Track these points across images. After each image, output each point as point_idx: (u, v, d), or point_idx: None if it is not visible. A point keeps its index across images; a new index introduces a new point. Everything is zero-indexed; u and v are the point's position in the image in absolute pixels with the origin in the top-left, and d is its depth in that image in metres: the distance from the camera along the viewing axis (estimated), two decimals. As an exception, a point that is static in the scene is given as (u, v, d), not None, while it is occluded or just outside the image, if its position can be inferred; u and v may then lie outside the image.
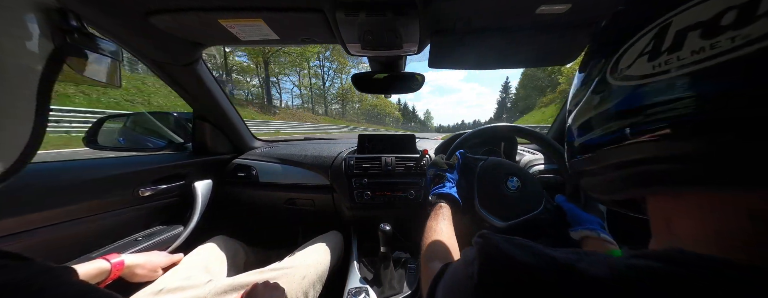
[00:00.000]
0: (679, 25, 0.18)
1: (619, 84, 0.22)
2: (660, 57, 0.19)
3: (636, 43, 0.21)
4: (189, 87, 0.95)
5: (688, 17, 0.18)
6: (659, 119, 0.19)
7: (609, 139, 0.24)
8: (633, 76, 0.21)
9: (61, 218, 0.67)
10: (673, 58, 0.18)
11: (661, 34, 0.19)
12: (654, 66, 0.19)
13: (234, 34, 0.69)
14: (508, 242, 0.23)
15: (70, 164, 0.74)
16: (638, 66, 0.21)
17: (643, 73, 0.20)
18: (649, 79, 0.20)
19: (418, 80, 0.96)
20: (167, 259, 0.75)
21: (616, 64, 0.23)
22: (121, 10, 0.59)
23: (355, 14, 0.56)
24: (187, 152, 1.14)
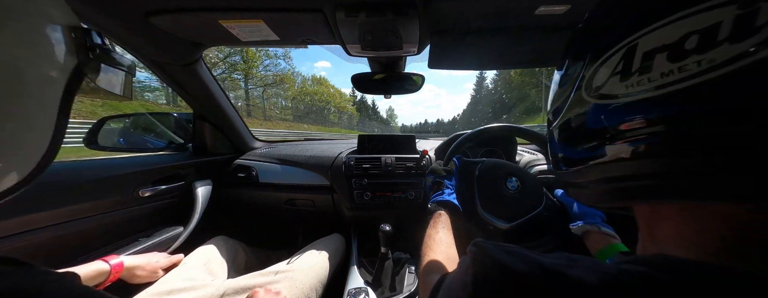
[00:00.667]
0: (646, 46, 0.19)
1: (595, 102, 0.23)
2: (631, 77, 0.19)
3: (607, 61, 0.22)
4: (189, 87, 0.95)
5: (653, 40, 0.18)
6: (635, 138, 0.20)
7: (589, 156, 0.24)
8: (607, 95, 0.21)
9: (61, 219, 0.67)
10: (644, 80, 0.19)
11: (629, 55, 0.20)
12: (627, 86, 0.20)
13: (234, 35, 0.69)
14: (500, 250, 0.23)
15: (71, 164, 0.74)
16: (612, 85, 0.21)
17: (616, 93, 0.21)
18: (623, 99, 0.20)
19: (418, 81, 0.96)
20: (167, 260, 0.75)
21: (590, 81, 0.23)
22: (121, 10, 0.59)
23: (355, 14, 0.57)
24: (187, 152, 1.14)
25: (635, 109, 0.20)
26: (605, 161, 0.23)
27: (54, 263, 0.67)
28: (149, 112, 1.10)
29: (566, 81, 0.28)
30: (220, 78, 22.61)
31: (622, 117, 0.20)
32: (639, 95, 0.19)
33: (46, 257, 0.68)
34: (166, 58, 0.81)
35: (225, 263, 0.86)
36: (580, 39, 0.28)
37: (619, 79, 0.20)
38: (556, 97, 0.30)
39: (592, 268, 0.19)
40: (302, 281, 0.76)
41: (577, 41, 0.28)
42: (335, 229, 1.12)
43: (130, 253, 0.79)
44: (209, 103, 1.03)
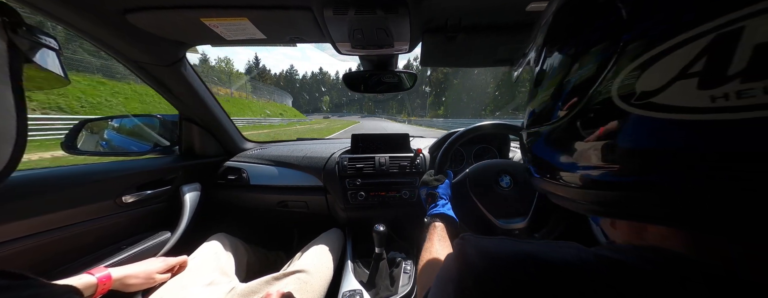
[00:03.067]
0: (763, 35, 0.12)
1: (640, 114, 0.16)
2: (726, 84, 0.13)
3: (667, 56, 0.15)
4: (174, 88, 0.92)
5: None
6: (726, 173, 0.14)
7: (609, 181, 0.19)
8: (669, 107, 0.15)
9: (38, 229, 0.64)
10: (756, 89, 0.12)
11: (722, 48, 0.13)
12: (714, 97, 0.13)
13: (218, 34, 0.66)
14: (484, 239, 0.24)
15: (47, 171, 0.71)
16: (679, 93, 0.14)
17: (689, 106, 0.14)
18: (702, 116, 0.13)
19: (410, 79, 0.95)
20: (163, 264, 0.72)
21: (628, 82, 0.16)
22: (96, 8, 0.56)
23: (343, 12, 0.55)
24: (174, 155, 1.10)
25: (724, 134, 0.13)
26: (633, 194, 0.18)
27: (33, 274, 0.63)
28: (133, 115, 1.06)
29: (566, 73, 0.22)
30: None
31: (690, 140, 0.14)
32: (742, 114, 0.12)
33: (24, 268, 0.64)
34: (147, 58, 0.77)
35: (232, 261, 0.86)
36: (593, 15, 0.20)
37: (695, 85, 0.14)
38: (545, 88, 0.25)
39: (572, 253, 0.20)
40: (312, 284, 0.77)
41: (593, 19, 0.20)
42: (331, 228, 1.11)
43: (114, 261, 0.76)
44: (195, 104, 0.99)
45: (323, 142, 1.44)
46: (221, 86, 18.82)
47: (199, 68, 12.07)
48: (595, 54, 0.19)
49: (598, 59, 0.19)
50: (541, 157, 0.27)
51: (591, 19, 0.20)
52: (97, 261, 0.74)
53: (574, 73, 0.21)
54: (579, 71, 0.20)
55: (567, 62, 0.22)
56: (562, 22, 0.24)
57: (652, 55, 0.15)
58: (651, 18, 0.16)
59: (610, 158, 0.18)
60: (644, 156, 0.16)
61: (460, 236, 0.27)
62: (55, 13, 0.55)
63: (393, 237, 1.11)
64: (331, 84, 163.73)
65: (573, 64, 0.21)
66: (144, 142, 1.06)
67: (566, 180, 0.23)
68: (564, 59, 0.23)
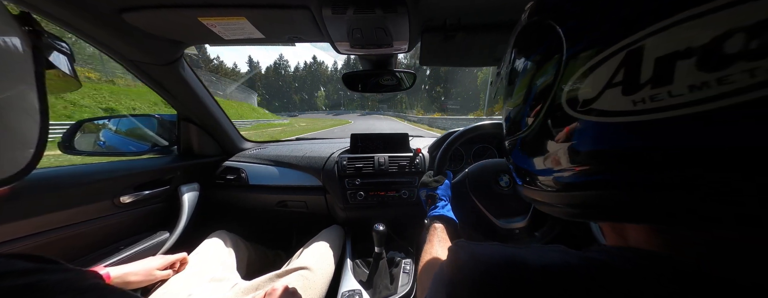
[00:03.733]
0: (658, 51, 0.15)
1: (586, 119, 0.18)
2: (641, 91, 0.15)
3: (597, 69, 0.17)
4: (171, 88, 0.91)
5: (669, 41, 0.14)
6: (647, 165, 0.16)
7: (577, 182, 0.21)
8: (606, 112, 0.17)
9: (35, 229, 0.64)
10: (662, 94, 0.14)
11: (632, 61, 0.16)
12: (635, 102, 0.16)
13: (216, 33, 0.66)
14: (475, 244, 0.25)
15: (44, 172, 0.70)
16: (610, 100, 0.17)
17: (619, 109, 0.16)
18: (631, 118, 0.16)
19: (409, 79, 0.95)
20: (163, 261, 0.73)
21: (573, 92, 0.19)
22: (93, 7, 0.56)
23: (342, 11, 0.54)
24: (172, 155, 1.09)
25: (651, 133, 0.15)
26: (592, 191, 0.20)
27: None
28: (131, 114, 1.06)
29: (529, 84, 0.24)
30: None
31: (630, 140, 0.16)
32: (657, 114, 0.15)
33: None
34: (144, 57, 0.77)
35: (234, 258, 0.87)
36: (544, 34, 0.22)
37: (620, 92, 0.16)
38: (514, 98, 0.27)
39: (558, 256, 0.21)
40: (315, 281, 0.77)
41: (542, 37, 0.23)
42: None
43: (112, 261, 0.76)
44: (194, 103, 0.99)
45: (323, 142, 1.44)
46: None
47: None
48: (547, 68, 0.22)
49: (548, 73, 0.22)
50: (519, 164, 0.28)
51: (541, 38, 0.23)
52: (95, 262, 0.74)
53: (533, 84, 0.24)
54: (537, 83, 0.23)
55: (528, 75, 0.25)
56: (522, 40, 0.28)
57: (586, 68, 0.18)
58: (581, 38, 0.19)
59: (573, 160, 0.21)
60: (596, 156, 0.19)
61: (454, 242, 0.28)
62: (51, 12, 0.54)
63: (392, 237, 1.11)
64: (327, 77, 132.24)
65: (532, 76, 0.24)
66: (142, 142, 1.05)
67: (543, 184, 0.25)
68: (526, 72, 0.25)
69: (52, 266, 0.24)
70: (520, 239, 0.73)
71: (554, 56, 0.21)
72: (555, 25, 0.21)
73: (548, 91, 0.21)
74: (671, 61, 0.14)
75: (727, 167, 0.13)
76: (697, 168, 0.14)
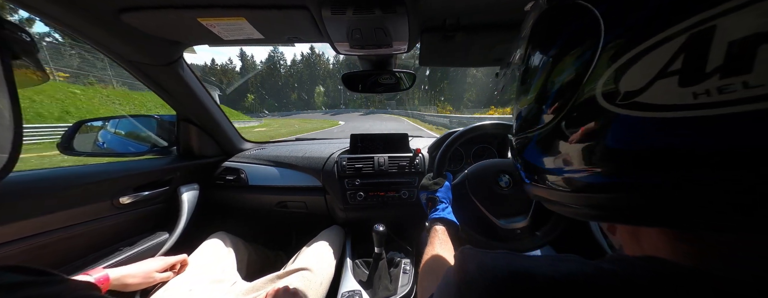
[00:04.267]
0: (733, 33, 0.12)
1: (626, 114, 0.16)
2: (706, 80, 0.13)
3: (646, 56, 0.15)
4: (171, 88, 0.91)
5: (748, 21, 0.12)
6: (712, 171, 0.14)
7: (598, 183, 0.19)
8: (654, 106, 0.15)
9: (34, 231, 0.64)
10: (735, 84, 0.12)
11: (697, 46, 0.13)
12: (696, 94, 0.13)
13: (215, 34, 0.66)
14: (482, 253, 0.24)
15: (42, 172, 0.70)
16: (662, 91, 0.14)
17: (673, 103, 0.14)
18: (688, 113, 0.14)
19: (409, 79, 0.95)
20: (162, 263, 0.72)
21: (610, 81, 0.17)
22: (91, 8, 0.55)
23: (341, 12, 0.54)
24: (172, 156, 1.09)
25: (710, 130, 0.13)
26: (619, 193, 0.18)
27: None
28: (130, 115, 1.06)
29: (549, 76, 0.22)
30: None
31: (681, 139, 0.14)
32: (726, 109, 0.12)
33: None
34: (143, 58, 0.77)
35: (234, 259, 0.86)
36: (573, 18, 0.20)
37: (676, 83, 0.14)
38: (532, 92, 0.24)
39: (573, 267, 0.20)
40: (316, 282, 0.77)
41: (570, 21, 0.20)
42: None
43: (112, 262, 0.76)
44: (193, 104, 0.99)
45: (322, 142, 1.44)
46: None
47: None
48: (576, 57, 0.19)
49: (579, 62, 0.19)
50: (532, 162, 0.26)
51: (569, 23, 0.21)
52: (94, 263, 0.74)
53: (558, 77, 0.21)
54: (562, 75, 0.20)
55: (550, 67, 0.22)
56: (543, 27, 0.24)
57: (631, 56, 0.15)
58: (626, 20, 0.16)
59: (598, 160, 0.18)
60: (633, 156, 0.17)
61: (461, 249, 0.27)
62: (49, 13, 0.54)
63: (392, 237, 1.10)
64: (327, 72, 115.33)
65: (556, 68, 0.21)
66: (141, 142, 1.05)
67: (558, 184, 0.23)
68: (547, 64, 0.23)
69: (43, 278, 0.23)
70: (521, 239, 0.73)
71: (587, 43, 0.18)
72: (589, 6, 0.18)
73: (577, 83, 0.19)
74: (752, 46, 0.12)
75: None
76: (760, 168, 0.12)
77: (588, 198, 0.21)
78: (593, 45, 0.18)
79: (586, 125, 0.19)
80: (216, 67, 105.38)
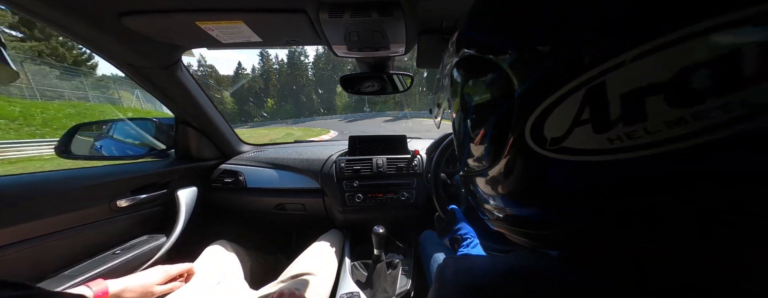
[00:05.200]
0: (622, 87, 0.13)
1: (557, 158, 0.17)
2: (614, 128, 0.14)
3: (559, 106, 0.16)
4: (169, 91, 0.91)
5: (630, 78, 0.13)
6: (639, 205, 0.15)
7: (548, 220, 0.20)
8: (578, 150, 0.16)
9: (30, 235, 0.63)
10: (638, 130, 0.13)
11: (596, 98, 0.14)
12: (611, 139, 0.14)
13: (214, 37, 0.66)
14: (463, 259, 0.27)
15: (39, 176, 0.70)
16: (581, 138, 0.15)
17: (593, 148, 0.15)
18: (608, 157, 0.15)
19: (407, 81, 0.96)
20: (163, 274, 0.69)
21: (537, 130, 0.17)
22: (92, 12, 0.56)
23: (339, 15, 0.55)
24: (170, 158, 1.09)
25: (631, 170, 0.14)
26: (563, 229, 0.20)
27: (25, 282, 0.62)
28: (128, 118, 1.05)
29: (481, 118, 0.22)
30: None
31: (609, 179, 0.15)
32: (639, 152, 0.14)
33: (16, 276, 0.63)
34: (142, 61, 0.77)
35: (235, 268, 0.85)
36: (486, 69, 0.20)
37: (591, 130, 0.15)
38: (472, 135, 0.24)
39: (532, 261, 0.23)
40: (319, 286, 0.77)
41: (484, 72, 0.21)
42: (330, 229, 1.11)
43: (109, 266, 0.75)
44: (192, 107, 0.99)
45: (321, 144, 1.44)
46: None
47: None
48: (499, 106, 0.20)
49: (503, 110, 0.19)
50: (483, 200, 0.27)
51: (485, 73, 0.21)
52: (92, 268, 0.73)
53: (487, 122, 0.22)
54: (490, 120, 0.21)
55: (477, 113, 0.23)
56: (464, 75, 0.24)
57: (546, 106, 0.16)
58: (531, 75, 0.17)
59: (534, 198, 0.20)
60: (568, 194, 0.18)
61: (443, 259, 0.30)
62: (48, 16, 0.55)
63: (391, 239, 1.10)
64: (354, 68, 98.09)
65: (483, 114, 0.22)
66: (139, 145, 1.05)
67: (502, 219, 0.25)
68: (475, 109, 0.23)
69: (33, 291, 0.22)
70: None
71: (505, 93, 0.19)
72: (497, 62, 0.19)
73: (506, 129, 0.19)
74: (639, 98, 0.13)
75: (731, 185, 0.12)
76: (694, 191, 0.13)
77: (528, 234, 0.23)
78: (510, 96, 0.18)
79: (524, 168, 0.20)
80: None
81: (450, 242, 0.68)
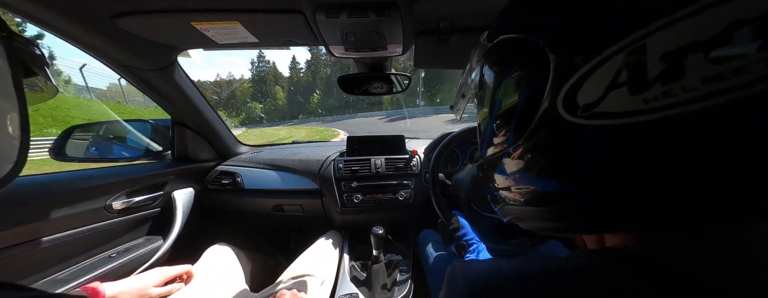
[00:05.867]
0: (664, 47, 0.14)
1: (589, 123, 0.17)
2: (651, 88, 0.14)
3: (595, 73, 0.17)
4: (165, 92, 0.91)
5: (672, 38, 0.14)
6: (668, 167, 0.15)
7: (574, 193, 0.20)
8: (611, 114, 0.16)
9: (25, 237, 0.62)
10: (676, 89, 0.14)
11: (635, 61, 0.15)
12: (647, 100, 0.15)
13: (209, 37, 0.66)
14: (471, 264, 0.26)
15: (34, 178, 0.69)
16: (616, 101, 0.16)
17: (628, 109, 0.15)
18: (642, 117, 0.15)
19: (405, 81, 0.95)
20: (161, 277, 0.68)
21: (571, 98, 0.18)
22: (85, 13, 0.55)
23: (335, 15, 0.55)
24: (167, 160, 1.08)
25: (664, 130, 0.15)
26: (594, 202, 0.19)
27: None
28: (124, 120, 1.04)
29: (510, 99, 0.23)
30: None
31: (641, 139, 0.15)
32: (674, 110, 0.14)
33: (11, 278, 0.62)
34: (138, 62, 0.76)
35: (235, 270, 0.85)
36: (520, 49, 0.22)
37: (627, 92, 0.15)
38: (498, 116, 0.25)
39: (539, 264, 0.23)
40: (319, 287, 0.77)
41: (517, 52, 0.22)
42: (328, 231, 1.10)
43: (106, 269, 0.75)
44: (188, 108, 0.98)
45: (319, 145, 1.43)
46: None
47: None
48: (532, 80, 0.21)
49: (535, 84, 0.20)
50: (503, 181, 0.27)
51: (518, 53, 0.23)
52: (88, 270, 0.72)
53: (518, 100, 0.23)
54: (522, 98, 0.22)
55: (509, 92, 0.24)
56: (494, 60, 0.27)
57: (581, 74, 0.17)
58: (568, 46, 0.18)
59: (562, 171, 0.20)
60: (593, 162, 0.18)
61: (452, 263, 0.29)
62: (42, 18, 0.54)
63: (389, 240, 1.10)
64: None
65: (515, 92, 0.23)
66: (135, 147, 1.04)
67: (527, 200, 0.25)
68: (505, 90, 0.24)
69: (30, 294, 0.22)
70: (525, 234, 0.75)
71: (539, 68, 0.20)
72: (531, 39, 0.20)
73: (537, 102, 0.20)
74: (680, 56, 0.14)
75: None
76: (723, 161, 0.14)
77: (554, 212, 0.22)
78: (545, 70, 0.19)
79: (552, 139, 0.20)
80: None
81: (456, 248, 0.68)
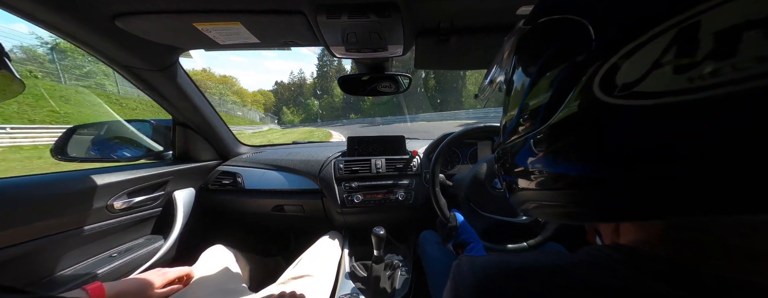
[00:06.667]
0: (720, 24, 0.13)
1: (626, 104, 0.16)
2: (699, 67, 0.14)
3: (640, 51, 0.16)
4: (167, 93, 0.91)
5: (729, 15, 0.13)
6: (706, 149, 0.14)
7: (601, 176, 0.19)
8: (653, 93, 0.15)
9: (26, 237, 0.63)
10: (725, 67, 0.13)
11: (686, 38, 0.14)
12: (691, 79, 0.14)
13: (211, 38, 0.66)
14: (477, 258, 0.26)
15: (35, 178, 0.69)
16: (659, 80, 0.15)
17: (670, 89, 0.15)
18: (684, 97, 0.14)
19: (405, 81, 0.96)
20: (161, 278, 0.67)
21: (609, 78, 0.17)
22: (85, 14, 0.55)
23: (336, 16, 0.55)
24: (167, 160, 1.09)
25: (705, 111, 0.14)
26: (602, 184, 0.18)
27: (21, 284, 0.62)
28: (125, 120, 1.05)
29: (544, 79, 0.23)
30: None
31: (680, 123, 0.15)
32: (717, 90, 0.13)
33: (12, 278, 0.63)
34: (139, 63, 0.77)
35: (233, 272, 0.84)
36: (559, 31, 0.22)
37: (671, 71, 0.15)
38: (529, 96, 0.25)
39: (552, 259, 0.23)
40: (319, 288, 0.77)
41: (557, 34, 0.22)
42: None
43: (106, 269, 0.75)
44: (189, 108, 0.99)
45: (320, 145, 1.44)
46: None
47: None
48: (570, 60, 0.20)
49: (572, 64, 0.20)
50: (524, 164, 0.27)
51: (558, 33, 0.22)
52: (88, 270, 0.73)
53: (552, 79, 0.22)
54: (557, 77, 0.21)
55: (544, 72, 0.23)
56: (531, 42, 0.27)
57: (625, 52, 0.17)
58: (615, 24, 0.18)
59: (592, 154, 0.19)
60: (628, 148, 0.17)
61: (458, 257, 0.29)
62: (42, 18, 0.54)
63: (390, 240, 1.10)
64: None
65: (550, 73, 0.23)
66: (136, 147, 1.04)
67: (548, 184, 0.24)
68: (541, 70, 0.24)
69: (29, 295, 0.22)
70: (540, 226, 0.75)
71: (578, 47, 0.19)
72: (577, 18, 0.20)
73: (572, 81, 0.19)
74: (735, 34, 0.13)
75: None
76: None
77: (578, 195, 0.21)
78: (585, 48, 0.19)
79: (583, 120, 0.19)
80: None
81: (454, 247, 0.69)
